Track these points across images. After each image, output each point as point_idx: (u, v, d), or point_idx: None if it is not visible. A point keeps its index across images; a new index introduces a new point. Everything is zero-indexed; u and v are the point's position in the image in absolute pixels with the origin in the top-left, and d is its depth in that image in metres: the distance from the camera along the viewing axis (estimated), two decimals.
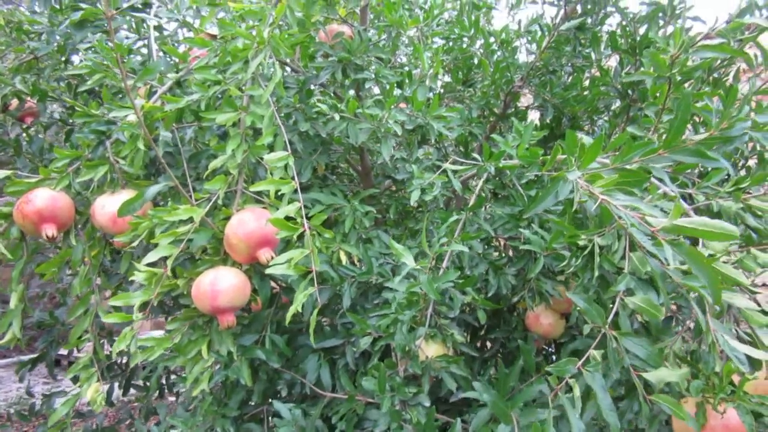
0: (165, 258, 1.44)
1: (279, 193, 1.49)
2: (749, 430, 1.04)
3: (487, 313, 1.78)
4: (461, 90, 2.38)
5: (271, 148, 1.56)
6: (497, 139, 1.72)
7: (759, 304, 1.21)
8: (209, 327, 1.60)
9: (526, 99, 2.53)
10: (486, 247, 1.90)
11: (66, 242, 1.72)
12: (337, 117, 1.65)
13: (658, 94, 1.40)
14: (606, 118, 2.10)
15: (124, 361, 2.63)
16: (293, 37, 1.76)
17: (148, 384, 2.52)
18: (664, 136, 1.15)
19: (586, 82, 2.21)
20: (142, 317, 1.42)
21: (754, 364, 1.16)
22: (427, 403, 1.55)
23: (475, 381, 1.45)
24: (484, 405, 1.51)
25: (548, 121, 2.24)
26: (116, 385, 2.56)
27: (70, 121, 2.20)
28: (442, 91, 2.49)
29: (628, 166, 1.16)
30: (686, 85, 1.53)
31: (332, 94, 2.00)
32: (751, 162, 1.96)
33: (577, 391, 0.99)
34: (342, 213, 1.88)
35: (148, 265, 1.43)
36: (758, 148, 1.77)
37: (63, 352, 2.68)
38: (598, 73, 2.14)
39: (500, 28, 2.27)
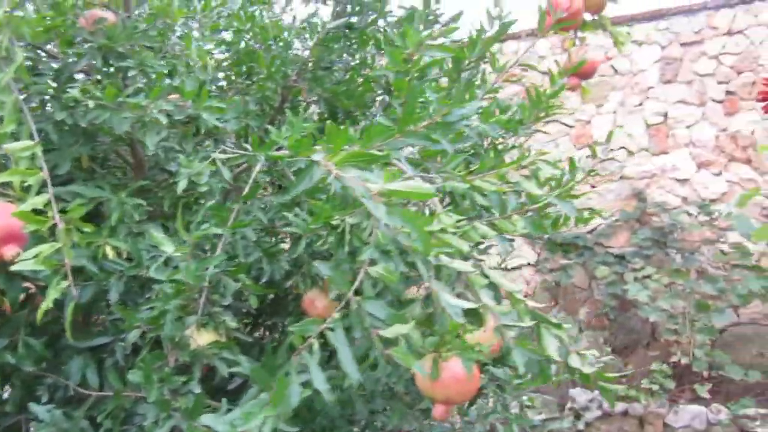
0: None
1: (25, 185, 1.39)
2: (468, 371, 1.20)
3: (265, 299, 1.82)
4: (242, 84, 2.40)
5: (16, 138, 1.45)
6: (270, 130, 1.77)
7: (482, 270, 1.39)
8: None
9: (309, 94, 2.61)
10: (264, 235, 1.94)
11: None
12: (91, 104, 1.58)
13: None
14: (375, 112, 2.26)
15: None
16: (47, 21, 1.65)
17: None
18: None
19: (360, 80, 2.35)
20: None
21: (477, 320, 1.34)
22: (198, 390, 1.55)
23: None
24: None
25: (325, 115, 2.35)
26: None
27: None
28: (225, 83, 2.48)
29: (370, 150, 1.28)
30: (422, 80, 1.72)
31: (97, 82, 1.91)
32: None
33: (316, 346, 1.08)
34: (108, 206, 1.81)
35: None
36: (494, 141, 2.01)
37: None
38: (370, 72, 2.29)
39: (272, 22, 2.33)
